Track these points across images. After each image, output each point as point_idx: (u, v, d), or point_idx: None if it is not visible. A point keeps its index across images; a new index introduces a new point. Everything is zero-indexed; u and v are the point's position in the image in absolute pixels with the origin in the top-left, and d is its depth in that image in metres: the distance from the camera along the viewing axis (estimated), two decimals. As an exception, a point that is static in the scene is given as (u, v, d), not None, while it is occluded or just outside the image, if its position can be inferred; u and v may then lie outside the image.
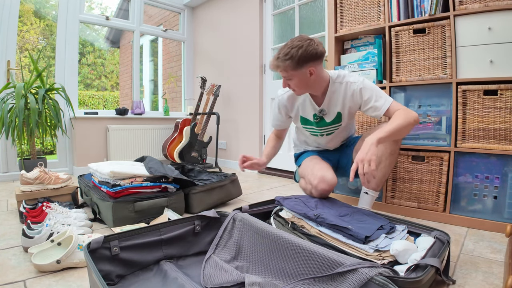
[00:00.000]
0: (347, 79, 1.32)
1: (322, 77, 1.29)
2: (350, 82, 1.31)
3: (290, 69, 1.21)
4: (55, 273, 0.97)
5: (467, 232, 1.33)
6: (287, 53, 1.18)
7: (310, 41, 1.19)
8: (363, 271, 0.64)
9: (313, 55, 1.18)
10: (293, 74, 1.22)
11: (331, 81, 1.32)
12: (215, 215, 1.07)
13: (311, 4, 2.59)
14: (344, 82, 1.32)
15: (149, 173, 1.51)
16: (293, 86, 1.27)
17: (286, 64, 1.20)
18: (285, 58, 1.19)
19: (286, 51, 1.19)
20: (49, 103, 2.27)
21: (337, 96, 1.34)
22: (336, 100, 1.34)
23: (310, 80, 1.25)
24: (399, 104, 1.25)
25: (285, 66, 1.20)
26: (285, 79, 1.26)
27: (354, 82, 1.30)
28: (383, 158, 1.28)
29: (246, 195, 2.04)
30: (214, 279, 0.83)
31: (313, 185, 1.29)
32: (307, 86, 1.28)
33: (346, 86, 1.32)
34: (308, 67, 1.21)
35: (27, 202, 1.50)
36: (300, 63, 1.19)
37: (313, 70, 1.22)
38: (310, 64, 1.20)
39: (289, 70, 1.21)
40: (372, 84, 1.30)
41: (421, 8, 1.51)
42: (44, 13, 5.92)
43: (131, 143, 3.10)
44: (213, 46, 3.49)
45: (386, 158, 1.28)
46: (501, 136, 1.31)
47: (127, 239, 0.90)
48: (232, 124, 3.29)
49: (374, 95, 1.27)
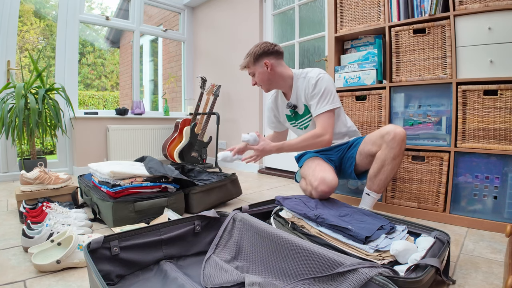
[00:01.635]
0: (309, 74, 1.44)
1: (282, 72, 1.47)
2: (310, 76, 1.42)
3: (251, 64, 1.46)
4: (55, 273, 0.97)
5: (467, 232, 1.33)
6: (248, 53, 1.47)
7: (267, 42, 1.47)
8: (363, 271, 0.64)
9: (266, 50, 1.43)
10: (254, 69, 1.46)
11: (295, 77, 1.48)
12: (215, 215, 1.07)
13: (311, 4, 2.59)
14: (306, 76, 1.44)
15: (149, 173, 1.51)
16: (258, 80, 1.48)
17: (247, 60, 1.47)
18: (246, 56, 1.48)
19: (248, 52, 1.47)
20: (49, 103, 2.27)
21: (300, 90, 1.46)
22: (300, 93, 1.47)
23: (269, 74, 1.45)
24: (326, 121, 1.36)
25: (247, 62, 1.47)
26: (250, 75, 1.50)
27: (313, 76, 1.41)
28: (386, 162, 1.27)
29: (246, 195, 2.04)
30: (214, 279, 0.83)
31: (313, 186, 1.29)
32: (269, 80, 1.47)
33: (306, 79, 1.44)
34: (263, 60, 1.43)
35: (27, 202, 1.50)
36: (256, 58, 1.44)
37: (268, 62, 1.43)
38: (264, 58, 1.43)
39: (250, 65, 1.46)
40: (328, 83, 1.39)
41: (421, 8, 1.51)
42: (44, 13, 5.92)
43: (131, 143, 3.10)
44: (213, 46, 3.49)
45: (389, 163, 1.27)
46: (501, 136, 1.31)
47: (127, 239, 0.90)
48: (232, 124, 3.29)
49: (321, 94, 1.37)
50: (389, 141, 1.26)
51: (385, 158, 1.27)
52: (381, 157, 1.28)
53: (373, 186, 1.33)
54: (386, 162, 1.27)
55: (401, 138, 1.24)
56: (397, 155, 1.26)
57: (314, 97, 1.39)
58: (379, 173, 1.30)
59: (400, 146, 1.26)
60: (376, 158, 1.31)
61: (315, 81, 1.39)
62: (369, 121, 1.72)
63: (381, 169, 1.28)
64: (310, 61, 2.64)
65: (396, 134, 1.24)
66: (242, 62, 1.49)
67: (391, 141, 1.25)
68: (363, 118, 1.74)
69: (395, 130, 1.25)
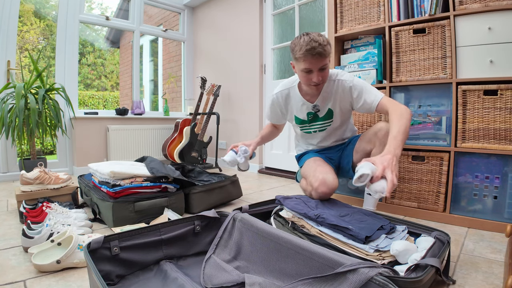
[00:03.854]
0: (340, 77, 1.36)
1: None
2: (342, 80, 1.35)
3: (329, 55, 1.23)
4: (55, 273, 0.97)
5: (467, 232, 1.33)
6: (324, 40, 1.20)
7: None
8: (363, 271, 0.64)
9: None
10: (328, 61, 1.25)
11: None
12: (215, 215, 1.07)
13: (311, 4, 2.59)
14: (337, 79, 1.36)
15: (151, 173, 1.51)
16: (324, 76, 1.28)
17: (328, 48, 1.22)
18: (325, 43, 1.20)
19: (321, 39, 1.19)
20: (49, 103, 2.27)
21: (330, 93, 1.38)
22: (328, 96, 1.39)
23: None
24: (389, 99, 1.26)
25: (329, 51, 1.22)
26: (321, 69, 1.24)
27: (345, 80, 1.34)
28: None
29: (246, 195, 2.04)
30: (214, 279, 0.83)
31: (314, 187, 1.28)
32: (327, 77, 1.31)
33: (338, 83, 1.36)
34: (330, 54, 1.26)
35: (27, 202, 1.50)
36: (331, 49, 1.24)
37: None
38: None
39: (328, 56, 1.23)
40: (362, 81, 1.34)
41: (421, 8, 1.51)
42: (44, 13, 5.92)
43: (131, 143, 3.10)
44: (213, 46, 3.49)
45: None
46: (501, 136, 1.31)
47: (127, 239, 0.90)
48: (232, 124, 3.29)
49: (364, 91, 1.30)
50: (382, 137, 1.27)
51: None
52: (376, 154, 1.27)
53: None
54: None
55: None
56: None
57: (360, 98, 1.31)
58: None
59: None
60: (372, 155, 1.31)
61: (349, 85, 1.32)
62: (369, 121, 1.72)
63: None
64: (310, 61, 2.64)
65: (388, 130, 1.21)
66: (319, 49, 1.18)
67: (384, 137, 1.24)
68: (363, 118, 1.74)
69: (388, 127, 1.24)
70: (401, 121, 1.14)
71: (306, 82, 1.29)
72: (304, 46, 1.19)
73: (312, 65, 1.22)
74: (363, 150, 1.39)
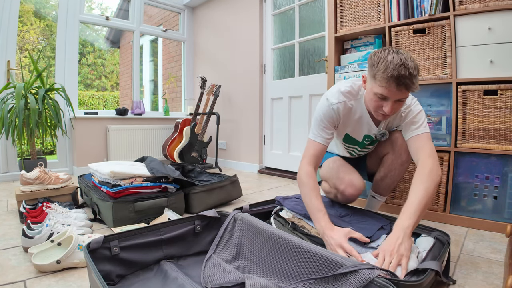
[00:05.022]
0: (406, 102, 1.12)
1: None
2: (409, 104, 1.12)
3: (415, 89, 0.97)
4: (55, 273, 0.97)
5: (467, 232, 1.33)
6: (415, 69, 0.94)
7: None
8: (364, 273, 0.64)
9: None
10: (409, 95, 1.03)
11: None
12: (215, 215, 1.07)
13: (311, 4, 2.59)
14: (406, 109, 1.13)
15: (151, 173, 1.51)
16: (399, 108, 1.05)
17: (417, 81, 0.96)
18: (415, 73, 0.94)
19: (413, 65, 0.94)
20: (49, 103, 2.27)
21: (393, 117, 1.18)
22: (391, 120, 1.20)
23: None
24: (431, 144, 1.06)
25: (417, 85, 0.96)
26: (399, 100, 1.00)
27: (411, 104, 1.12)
28: (393, 167, 1.24)
29: (246, 195, 2.04)
30: (215, 279, 0.83)
31: (340, 190, 1.19)
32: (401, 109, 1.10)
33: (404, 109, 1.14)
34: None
35: (27, 202, 1.50)
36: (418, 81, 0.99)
37: None
38: None
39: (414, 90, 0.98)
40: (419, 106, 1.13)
41: (421, 8, 1.51)
42: (44, 13, 5.92)
43: (131, 143, 3.10)
44: (213, 46, 3.49)
45: (396, 168, 1.23)
46: (501, 136, 1.31)
47: (127, 239, 0.90)
48: (232, 124, 3.29)
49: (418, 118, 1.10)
50: (398, 148, 1.21)
51: (392, 163, 1.24)
52: (388, 161, 1.25)
53: (379, 189, 1.32)
54: (393, 167, 1.24)
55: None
56: (404, 161, 1.22)
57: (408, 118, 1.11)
58: (386, 177, 1.27)
59: (408, 153, 1.17)
60: (384, 162, 1.27)
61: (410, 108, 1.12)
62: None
63: (388, 174, 1.26)
64: (310, 61, 2.64)
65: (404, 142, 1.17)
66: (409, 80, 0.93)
67: (400, 149, 1.20)
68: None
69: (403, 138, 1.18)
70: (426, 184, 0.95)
71: (375, 108, 1.05)
72: (391, 69, 0.93)
73: (391, 95, 0.97)
74: (376, 154, 1.32)
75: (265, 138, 2.99)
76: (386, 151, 1.26)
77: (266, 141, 2.98)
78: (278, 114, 2.86)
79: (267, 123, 2.96)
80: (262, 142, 3.02)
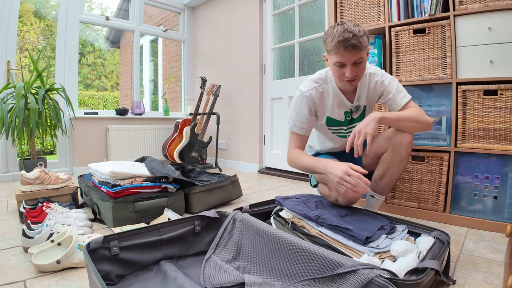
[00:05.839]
0: (370, 70, 1.28)
1: None
2: (373, 73, 1.27)
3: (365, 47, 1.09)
4: (55, 273, 0.97)
5: (467, 232, 1.33)
6: (359, 30, 1.07)
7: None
8: (363, 272, 0.64)
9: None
10: (364, 54, 1.12)
11: None
12: (215, 215, 1.07)
13: (311, 4, 2.59)
14: (367, 73, 1.27)
15: (151, 173, 1.51)
16: (360, 72, 1.14)
17: (365, 40, 1.08)
18: (361, 34, 1.07)
19: (357, 29, 1.06)
20: (49, 103, 2.27)
21: (363, 89, 1.28)
22: (363, 93, 1.28)
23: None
24: (416, 105, 1.24)
25: (365, 44, 1.09)
26: (355, 63, 1.11)
27: (376, 73, 1.27)
28: (392, 164, 1.24)
29: (246, 195, 2.04)
30: (214, 280, 0.83)
31: (341, 192, 1.15)
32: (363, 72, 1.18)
33: (369, 77, 1.27)
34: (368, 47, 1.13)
35: (27, 202, 1.50)
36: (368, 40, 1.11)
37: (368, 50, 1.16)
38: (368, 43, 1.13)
39: (364, 49, 1.10)
40: (391, 76, 1.28)
41: (421, 8, 1.51)
42: (44, 13, 5.92)
43: (131, 143, 3.10)
44: (213, 46, 3.49)
45: (394, 165, 1.24)
46: (501, 136, 1.31)
47: (127, 239, 0.90)
48: (232, 124, 3.29)
49: (395, 88, 1.25)
50: (396, 144, 1.22)
51: (390, 161, 1.24)
52: (386, 159, 1.25)
53: (378, 188, 1.31)
54: (392, 165, 1.24)
55: (408, 141, 1.21)
56: (403, 158, 1.22)
57: (391, 93, 1.24)
58: (385, 175, 1.27)
59: (407, 149, 1.21)
60: (382, 160, 1.27)
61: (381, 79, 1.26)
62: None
63: (387, 172, 1.25)
64: (310, 61, 2.64)
65: (403, 138, 1.20)
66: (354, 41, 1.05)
67: (398, 145, 1.21)
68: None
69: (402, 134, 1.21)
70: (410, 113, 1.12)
71: (339, 77, 1.17)
72: (336, 37, 1.06)
73: (345, 59, 1.09)
74: (373, 153, 1.32)
75: (265, 138, 2.99)
76: (383, 149, 1.27)
77: (266, 141, 2.98)
78: (278, 114, 2.86)
79: (267, 123, 2.96)
80: (262, 142, 3.02)
